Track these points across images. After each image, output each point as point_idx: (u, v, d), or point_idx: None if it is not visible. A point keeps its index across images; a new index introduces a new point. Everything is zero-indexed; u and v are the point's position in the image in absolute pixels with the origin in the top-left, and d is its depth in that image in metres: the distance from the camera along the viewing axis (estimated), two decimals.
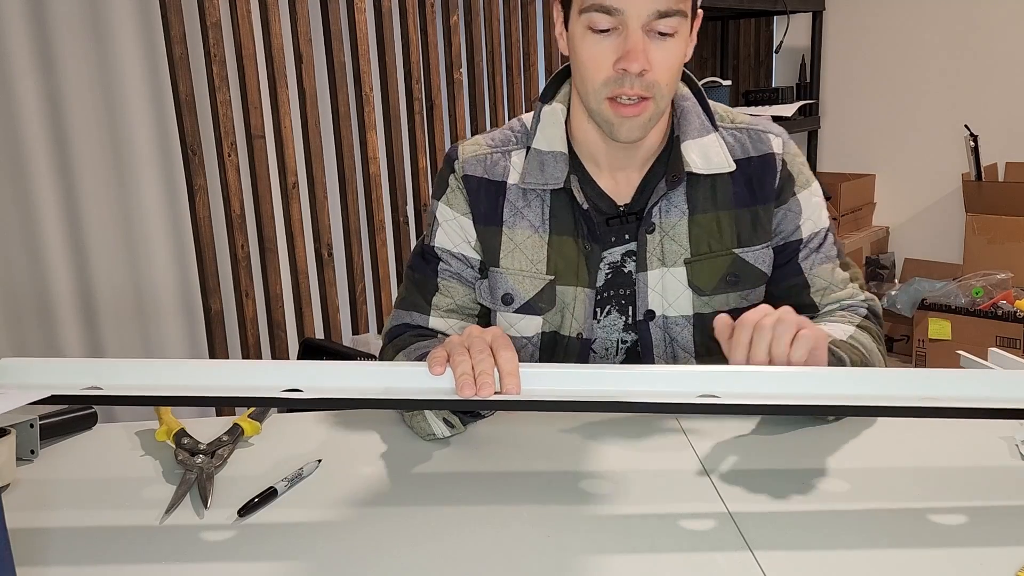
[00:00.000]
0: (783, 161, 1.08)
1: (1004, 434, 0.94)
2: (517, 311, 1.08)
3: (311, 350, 1.34)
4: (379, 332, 2.41)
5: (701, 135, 1.06)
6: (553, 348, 1.10)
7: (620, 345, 1.10)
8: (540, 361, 1.09)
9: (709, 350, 1.06)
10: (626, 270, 1.08)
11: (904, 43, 3.43)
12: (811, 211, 1.10)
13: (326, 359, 1.33)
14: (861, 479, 0.85)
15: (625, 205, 1.07)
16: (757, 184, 1.07)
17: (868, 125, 3.59)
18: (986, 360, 1.12)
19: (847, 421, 0.98)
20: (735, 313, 0.89)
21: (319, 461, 0.90)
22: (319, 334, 2.24)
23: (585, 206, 1.04)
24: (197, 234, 1.94)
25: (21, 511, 0.82)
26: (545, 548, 0.74)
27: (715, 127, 1.07)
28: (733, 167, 1.06)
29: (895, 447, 0.92)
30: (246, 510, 0.80)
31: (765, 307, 0.87)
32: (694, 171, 1.04)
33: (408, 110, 2.40)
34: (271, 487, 0.83)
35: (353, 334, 2.33)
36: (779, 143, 1.09)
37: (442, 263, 1.09)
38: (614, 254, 1.07)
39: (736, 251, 1.07)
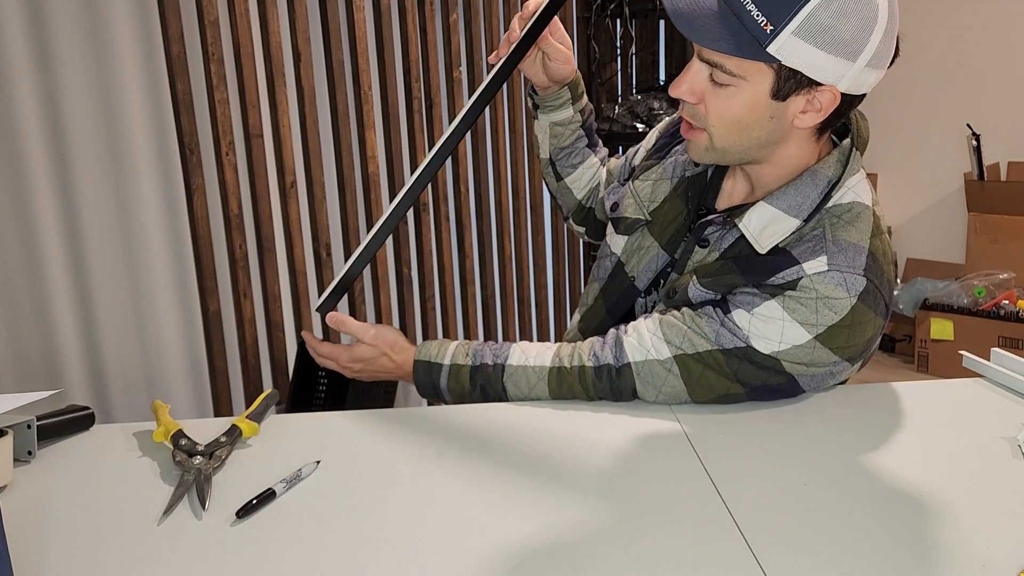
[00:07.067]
0: (798, 284, 0.95)
1: (1005, 434, 0.94)
2: (613, 220, 1.21)
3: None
4: None
5: (785, 211, 0.99)
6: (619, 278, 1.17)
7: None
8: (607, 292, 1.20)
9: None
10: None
11: (905, 42, 3.42)
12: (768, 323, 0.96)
13: None
14: (861, 479, 0.85)
15: (721, 210, 1.08)
16: (768, 268, 0.97)
17: (870, 124, 3.58)
18: (988, 360, 1.12)
19: (847, 422, 0.98)
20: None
21: (318, 462, 0.90)
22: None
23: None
24: (195, 234, 1.93)
25: (18, 512, 0.81)
26: (545, 547, 0.73)
27: (807, 219, 0.98)
28: (764, 251, 0.99)
29: (896, 447, 0.92)
30: (244, 512, 0.80)
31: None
32: (739, 228, 1.01)
33: (407, 109, 2.39)
34: (270, 488, 0.83)
35: None
36: (816, 286, 0.94)
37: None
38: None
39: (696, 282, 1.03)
